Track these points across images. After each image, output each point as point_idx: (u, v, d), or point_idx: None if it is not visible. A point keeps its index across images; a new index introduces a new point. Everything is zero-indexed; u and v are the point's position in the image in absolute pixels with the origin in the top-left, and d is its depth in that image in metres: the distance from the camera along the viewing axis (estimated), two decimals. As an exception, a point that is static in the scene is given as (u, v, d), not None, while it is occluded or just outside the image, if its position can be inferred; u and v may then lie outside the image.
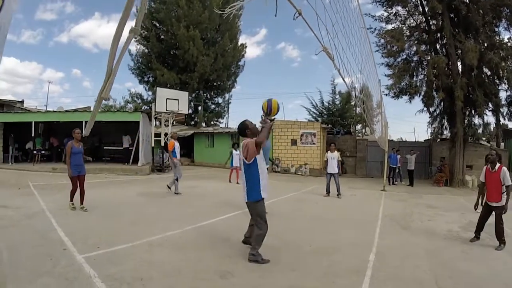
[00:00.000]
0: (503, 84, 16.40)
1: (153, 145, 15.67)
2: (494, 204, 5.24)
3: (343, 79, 5.20)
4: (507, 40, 15.75)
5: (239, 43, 28.35)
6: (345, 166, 19.26)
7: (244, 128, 4.10)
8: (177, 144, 9.14)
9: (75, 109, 15.40)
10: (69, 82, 76.42)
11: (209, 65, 24.49)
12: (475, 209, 5.73)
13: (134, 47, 26.57)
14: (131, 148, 16.11)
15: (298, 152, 17.75)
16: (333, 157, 9.95)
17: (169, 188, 9.10)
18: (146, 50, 26.39)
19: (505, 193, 5.15)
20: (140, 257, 3.98)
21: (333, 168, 9.84)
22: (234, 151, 12.55)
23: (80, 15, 63.97)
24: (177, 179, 8.90)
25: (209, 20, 24.43)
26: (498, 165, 5.28)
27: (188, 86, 24.00)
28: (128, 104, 30.47)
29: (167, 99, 14.92)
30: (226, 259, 4.06)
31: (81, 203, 6.43)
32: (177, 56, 25.04)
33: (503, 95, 17.22)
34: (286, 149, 18.26)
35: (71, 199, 6.42)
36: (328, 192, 9.96)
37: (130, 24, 1.59)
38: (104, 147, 18.14)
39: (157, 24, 25.79)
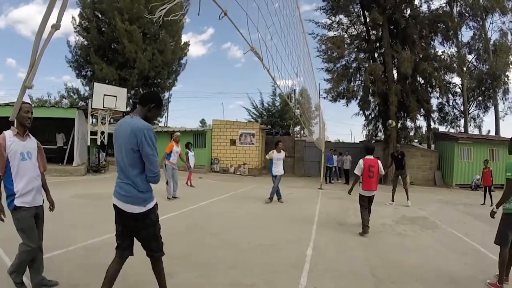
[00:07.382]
0: (435, 92, 18.26)
1: (88, 144, 14.63)
2: (374, 193, 6.13)
3: (273, 79, 5.31)
4: (441, 53, 17.51)
5: (182, 41, 27.55)
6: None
7: None
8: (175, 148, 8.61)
9: (7, 103, 13.71)
10: (3, 72, 68.13)
11: (147, 62, 23.50)
12: (349, 193, 6.54)
13: (73, 38, 24.42)
14: (66, 147, 15.04)
15: (237, 152, 17.92)
16: (280, 157, 9.03)
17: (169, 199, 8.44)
18: (85, 42, 24.40)
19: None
20: (77, 262, 3.72)
21: (279, 170, 8.95)
22: (189, 152, 11.23)
23: (19, -3, 54.98)
24: (167, 183, 8.42)
25: (151, 15, 23.49)
26: (372, 157, 6.03)
27: (127, 82, 22.72)
28: (64, 99, 28.13)
29: (104, 95, 14.05)
30: (166, 260, 3.94)
31: None
32: (117, 50, 23.63)
33: (434, 102, 19.21)
34: (225, 149, 18.37)
35: None
36: (271, 197, 8.89)
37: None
38: (37, 146, 16.48)
39: (99, 15, 23.92)
